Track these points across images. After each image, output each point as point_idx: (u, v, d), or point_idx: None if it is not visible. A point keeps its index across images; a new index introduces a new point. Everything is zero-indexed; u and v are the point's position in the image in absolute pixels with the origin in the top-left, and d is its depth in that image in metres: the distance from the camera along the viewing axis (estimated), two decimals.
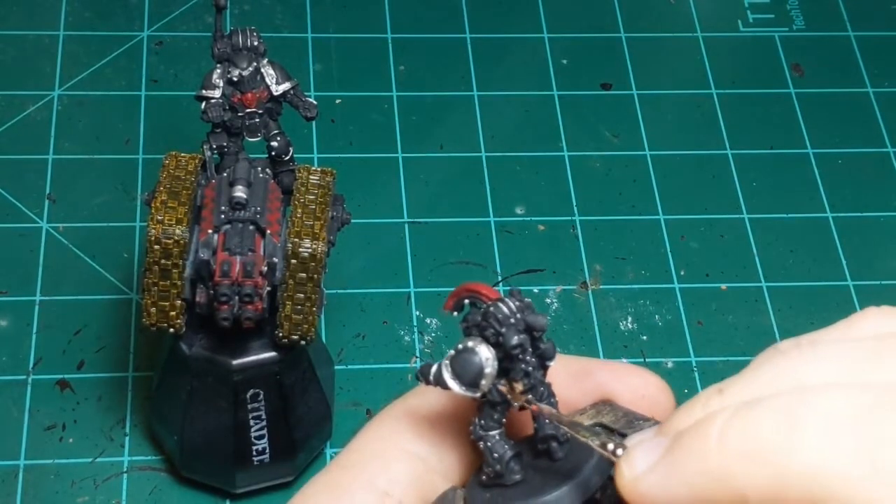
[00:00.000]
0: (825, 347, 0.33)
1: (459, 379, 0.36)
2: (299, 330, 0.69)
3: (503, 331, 0.36)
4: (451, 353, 0.36)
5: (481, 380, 0.36)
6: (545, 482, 0.37)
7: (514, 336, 0.36)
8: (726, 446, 0.31)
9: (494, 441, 0.37)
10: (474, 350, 0.36)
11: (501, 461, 0.37)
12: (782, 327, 0.87)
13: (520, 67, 1.00)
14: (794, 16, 1.04)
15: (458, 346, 0.36)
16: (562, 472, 0.37)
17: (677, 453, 0.32)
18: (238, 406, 0.72)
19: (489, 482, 0.37)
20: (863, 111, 0.99)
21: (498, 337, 0.36)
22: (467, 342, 0.36)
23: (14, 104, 0.93)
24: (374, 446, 0.38)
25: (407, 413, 0.39)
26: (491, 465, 0.37)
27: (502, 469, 0.37)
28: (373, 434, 0.38)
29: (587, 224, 0.90)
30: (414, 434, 0.38)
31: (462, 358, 0.36)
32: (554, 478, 0.37)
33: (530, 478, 0.37)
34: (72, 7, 0.99)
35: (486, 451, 0.37)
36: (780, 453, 0.30)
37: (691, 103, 0.98)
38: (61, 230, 0.87)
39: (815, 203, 0.93)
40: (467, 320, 0.37)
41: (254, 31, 0.72)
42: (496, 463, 0.37)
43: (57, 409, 0.79)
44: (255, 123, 0.72)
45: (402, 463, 0.37)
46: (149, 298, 0.68)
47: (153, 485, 0.77)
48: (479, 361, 0.36)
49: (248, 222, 0.67)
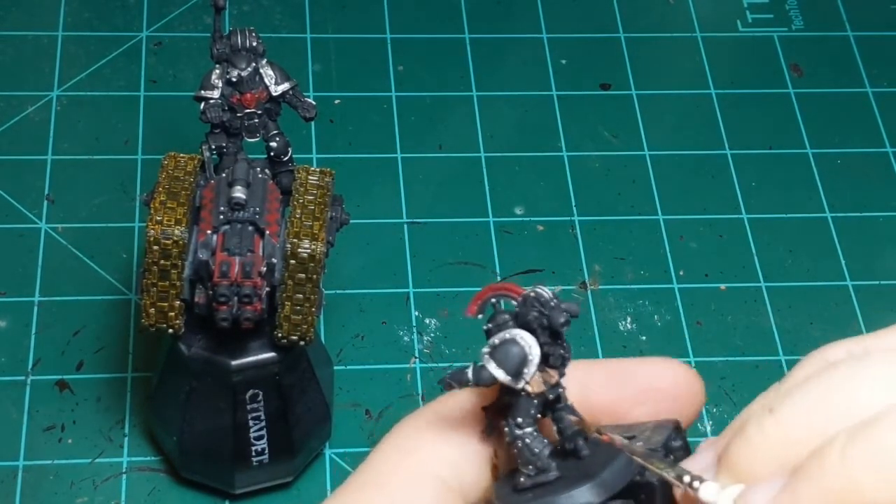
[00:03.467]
0: (880, 359, 0.34)
1: (504, 369, 0.36)
2: (298, 330, 0.69)
3: (548, 312, 0.36)
4: (487, 350, 0.36)
5: (524, 367, 0.36)
6: (579, 478, 0.36)
7: (561, 314, 0.35)
8: (853, 467, 0.32)
9: (533, 438, 0.37)
10: (515, 339, 0.36)
11: (542, 457, 0.36)
12: (781, 327, 0.87)
13: (519, 68, 0.99)
14: (793, 16, 1.04)
15: (495, 341, 0.36)
16: (590, 469, 0.36)
17: (800, 486, 0.33)
18: (237, 407, 0.72)
19: (528, 483, 0.37)
20: (862, 111, 0.99)
21: (542, 319, 0.36)
22: (505, 334, 0.36)
23: (13, 105, 0.93)
24: (394, 464, 0.37)
25: (424, 429, 0.38)
26: (531, 461, 0.36)
27: (544, 465, 0.36)
28: (392, 449, 0.38)
29: (586, 224, 0.90)
30: (433, 452, 0.38)
31: (504, 348, 0.36)
32: (585, 474, 0.36)
33: (566, 474, 0.37)
34: (70, 7, 0.99)
35: (524, 449, 0.37)
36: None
37: (690, 103, 0.98)
38: (60, 231, 0.87)
39: (814, 203, 0.93)
40: (494, 320, 0.36)
41: (253, 32, 0.72)
42: (537, 460, 0.36)
43: (56, 410, 0.79)
44: (253, 124, 0.72)
45: (423, 481, 0.37)
46: (148, 299, 0.68)
47: (152, 485, 0.77)
48: (523, 348, 0.36)
49: (247, 223, 0.67)
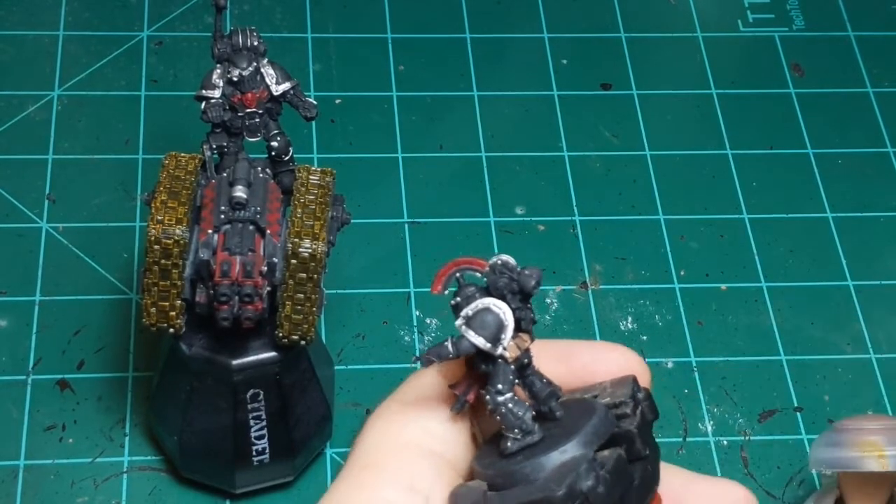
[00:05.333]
0: None
1: (483, 337, 0.37)
2: (299, 330, 0.69)
3: (517, 277, 0.37)
4: (462, 321, 0.37)
5: (501, 333, 0.37)
6: (564, 434, 0.37)
7: (531, 278, 0.36)
8: None
9: (515, 402, 0.37)
10: (489, 307, 0.37)
11: (527, 420, 0.37)
12: (782, 327, 0.87)
13: (520, 67, 0.99)
14: (794, 16, 1.04)
15: (468, 311, 0.37)
16: (570, 426, 0.37)
17: None
18: (238, 406, 0.72)
19: (515, 447, 0.37)
20: (863, 111, 0.99)
21: (513, 284, 0.37)
22: (478, 303, 0.37)
23: (14, 104, 0.93)
24: (387, 443, 0.38)
25: (408, 407, 0.39)
26: (516, 425, 0.37)
27: (529, 427, 0.37)
28: (381, 431, 0.38)
29: (587, 224, 0.90)
30: (422, 428, 0.38)
31: (480, 317, 0.37)
32: (568, 431, 0.37)
33: (548, 434, 0.37)
34: (71, 7, 0.99)
35: (507, 414, 0.37)
36: None
37: (691, 103, 0.98)
38: (61, 230, 0.87)
39: (814, 203, 0.93)
40: (460, 293, 0.37)
41: (254, 31, 0.72)
42: (521, 423, 0.37)
43: (57, 410, 0.79)
44: (254, 123, 0.72)
45: (419, 457, 0.37)
46: (149, 298, 0.68)
47: (153, 485, 0.77)
48: (498, 315, 0.37)
49: (248, 222, 0.67)
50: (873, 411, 0.83)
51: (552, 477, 0.36)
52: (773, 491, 0.80)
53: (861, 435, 0.71)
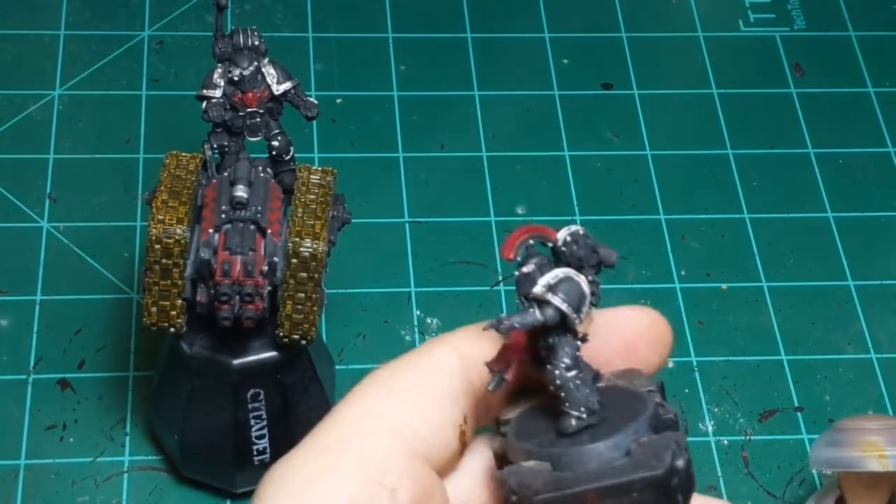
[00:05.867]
0: None
1: (570, 304, 0.35)
2: (300, 329, 0.69)
3: (599, 250, 0.36)
4: (542, 289, 0.35)
5: (583, 304, 0.36)
6: (620, 419, 0.36)
7: (613, 253, 0.36)
8: None
9: (582, 380, 0.36)
10: (570, 276, 0.36)
11: (592, 399, 0.36)
12: (783, 327, 0.87)
13: (521, 67, 0.99)
14: (795, 15, 1.04)
15: (550, 280, 0.35)
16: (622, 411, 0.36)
17: None
18: (238, 406, 0.72)
19: (577, 427, 0.35)
20: (864, 111, 0.99)
21: (593, 255, 0.36)
22: (558, 272, 0.36)
23: (15, 104, 0.93)
24: (359, 426, 0.36)
25: (391, 392, 0.37)
26: (582, 403, 0.36)
27: (595, 406, 0.36)
28: (358, 416, 0.37)
29: (588, 224, 0.90)
30: (401, 418, 0.37)
31: (564, 285, 0.35)
32: (622, 415, 0.36)
33: (602, 418, 0.36)
34: (72, 6, 0.99)
35: (574, 391, 0.36)
36: None
37: (692, 103, 0.98)
38: (62, 230, 0.87)
39: (815, 203, 0.93)
40: (530, 261, 0.36)
41: (255, 31, 0.72)
42: (587, 401, 0.36)
43: (57, 409, 0.79)
44: (255, 123, 0.72)
45: (394, 448, 0.36)
46: (149, 298, 0.68)
47: (154, 484, 0.77)
48: (580, 285, 0.36)
49: (249, 222, 0.67)
50: (874, 411, 0.83)
51: (642, 457, 0.34)
52: (774, 491, 0.80)
53: (862, 435, 0.71)
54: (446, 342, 0.38)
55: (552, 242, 0.36)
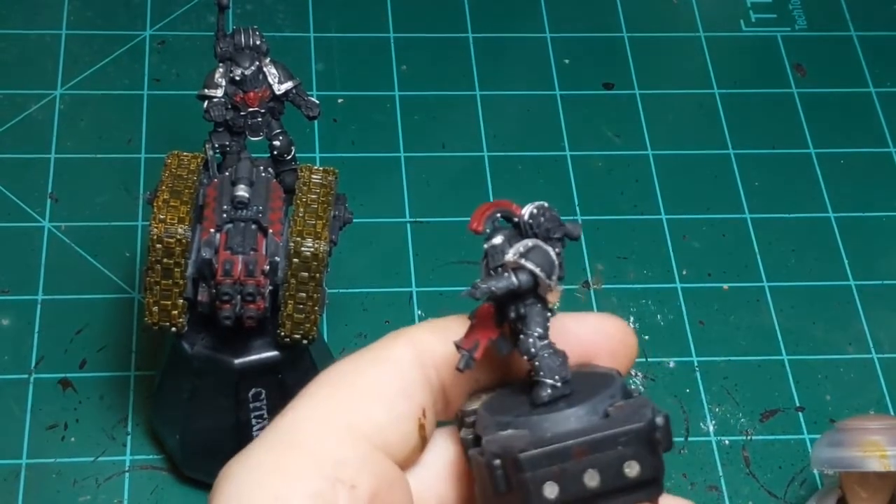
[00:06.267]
0: None
1: (542, 269, 0.36)
2: (301, 329, 0.69)
3: (562, 223, 0.36)
4: (515, 256, 0.36)
5: (553, 272, 0.36)
6: (591, 389, 0.36)
7: (577, 227, 0.36)
8: None
9: (553, 349, 0.36)
10: (539, 245, 0.36)
11: (566, 368, 0.36)
12: (784, 327, 0.87)
13: (522, 67, 0.99)
14: (797, 16, 1.04)
15: (520, 248, 0.36)
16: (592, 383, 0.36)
17: None
18: (240, 405, 0.72)
19: (551, 396, 0.36)
20: (865, 111, 0.99)
21: (558, 228, 0.36)
22: (528, 241, 0.36)
23: (16, 103, 0.93)
24: (315, 422, 0.36)
25: (347, 386, 0.37)
26: (556, 372, 0.36)
27: (567, 374, 0.36)
28: (311, 406, 0.36)
29: (589, 223, 0.90)
30: (358, 412, 0.36)
31: (534, 253, 0.36)
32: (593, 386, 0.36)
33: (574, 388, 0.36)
34: (74, 6, 0.99)
35: (547, 360, 0.36)
36: None
37: (693, 103, 0.98)
38: (63, 229, 0.87)
39: (817, 203, 0.93)
40: (498, 234, 0.36)
41: (256, 31, 0.72)
42: (561, 370, 0.36)
43: (59, 409, 0.79)
44: (257, 123, 0.72)
45: (348, 442, 0.35)
46: (151, 297, 0.68)
47: (155, 484, 0.77)
48: (549, 253, 0.36)
49: (251, 221, 0.67)
50: (875, 411, 0.83)
51: (622, 415, 0.35)
52: (775, 491, 0.80)
53: (863, 435, 0.71)
54: (404, 336, 0.38)
55: (517, 217, 0.37)
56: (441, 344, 0.38)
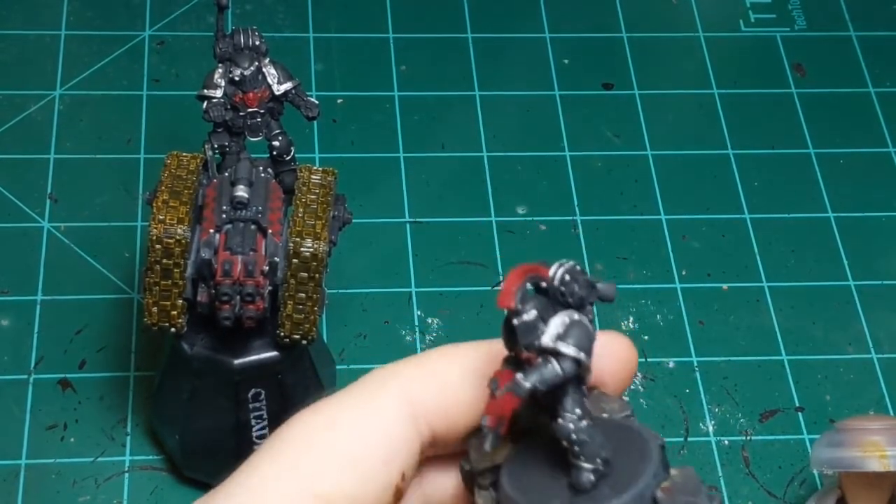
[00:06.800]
0: None
1: (583, 351, 0.33)
2: (301, 329, 0.69)
3: (598, 287, 0.34)
4: (552, 339, 0.33)
5: (591, 347, 0.33)
6: (633, 462, 0.33)
7: (612, 289, 0.34)
8: None
9: (592, 429, 0.33)
10: (579, 321, 0.33)
11: (606, 445, 0.33)
12: (783, 327, 0.87)
13: (521, 67, 0.99)
14: (796, 16, 1.04)
15: (559, 329, 0.33)
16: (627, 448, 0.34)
17: None
18: (239, 406, 0.72)
19: (594, 479, 0.33)
20: (864, 111, 0.99)
21: (592, 293, 0.34)
22: (563, 317, 0.33)
23: (15, 104, 0.93)
24: (280, 491, 0.33)
25: (323, 447, 0.34)
26: (596, 454, 0.33)
27: (608, 452, 0.33)
28: (280, 469, 0.33)
29: (588, 224, 0.90)
30: (330, 478, 0.33)
31: (574, 331, 0.33)
32: (630, 454, 0.34)
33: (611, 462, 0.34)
34: (73, 7, 0.99)
35: (587, 443, 0.33)
36: None
37: (693, 103, 0.98)
38: (63, 230, 0.87)
39: (816, 203, 0.93)
40: (532, 305, 0.33)
41: (255, 31, 0.72)
42: (601, 450, 0.33)
43: (58, 409, 0.79)
44: (256, 123, 0.72)
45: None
46: (150, 298, 0.68)
47: (154, 484, 0.77)
48: (587, 327, 0.33)
49: (250, 222, 0.67)
50: (875, 411, 0.83)
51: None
52: (775, 491, 0.80)
53: (863, 435, 0.71)
54: (394, 383, 0.35)
55: (544, 281, 0.34)
56: (434, 389, 0.35)
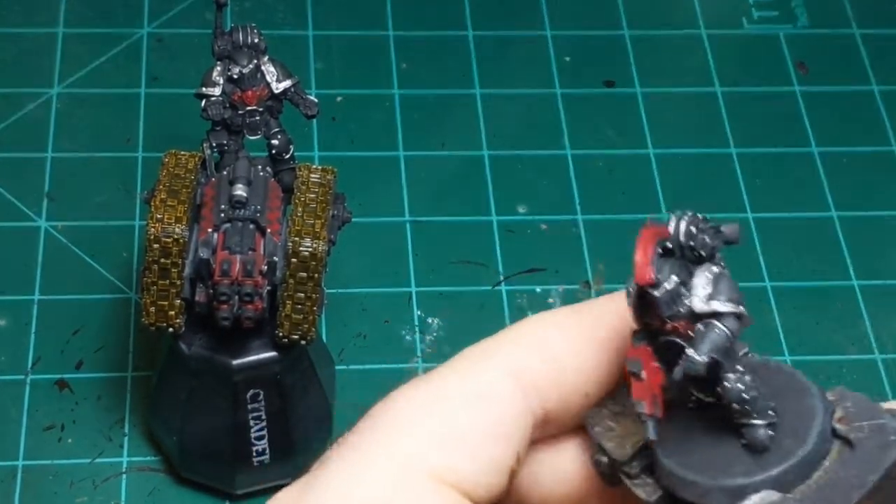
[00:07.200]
0: None
1: (738, 303, 0.31)
2: (300, 329, 0.69)
3: (722, 230, 0.32)
4: (703, 300, 0.31)
5: (741, 296, 0.32)
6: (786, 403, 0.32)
7: (737, 230, 0.32)
8: None
9: (753, 381, 0.32)
10: (718, 273, 0.32)
11: (767, 395, 0.32)
12: (786, 327, 0.86)
13: (522, 65, 0.99)
14: (799, 13, 1.04)
15: (706, 287, 0.31)
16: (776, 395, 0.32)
17: None
18: (238, 406, 0.72)
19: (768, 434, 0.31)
20: (867, 109, 0.98)
21: (718, 239, 0.32)
22: (705, 272, 0.31)
23: (13, 102, 0.93)
24: (394, 470, 0.31)
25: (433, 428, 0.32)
26: (766, 407, 0.31)
27: (773, 402, 0.32)
28: (391, 450, 0.32)
29: (590, 223, 0.90)
30: (441, 457, 0.32)
31: (722, 284, 0.31)
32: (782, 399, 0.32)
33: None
34: (71, 4, 0.99)
35: (756, 399, 0.31)
36: None
37: (695, 101, 0.98)
38: (60, 229, 0.87)
39: (819, 202, 0.93)
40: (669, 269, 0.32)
41: (254, 29, 0.72)
42: (769, 401, 0.31)
43: (55, 410, 0.79)
44: (255, 121, 0.72)
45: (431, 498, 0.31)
46: (148, 298, 0.68)
47: (152, 485, 0.77)
48: (729, 278, 0.32)
49: (249, 221, 0.67)
50: None
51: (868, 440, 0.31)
52: None
53: None
54: (499, 358, 0.33)
55: (667, 240, 0.32)
56: (543, 361, 0.33)
